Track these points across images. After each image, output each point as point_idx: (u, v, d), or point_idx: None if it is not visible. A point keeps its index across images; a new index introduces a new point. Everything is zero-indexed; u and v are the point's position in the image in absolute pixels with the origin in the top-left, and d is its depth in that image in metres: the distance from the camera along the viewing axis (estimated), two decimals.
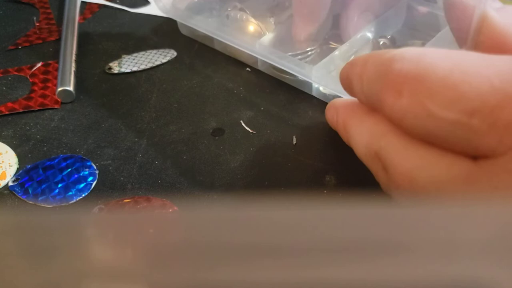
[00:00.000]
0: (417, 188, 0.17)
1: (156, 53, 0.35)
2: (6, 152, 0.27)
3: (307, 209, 0.11)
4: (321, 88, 0.30)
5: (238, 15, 0.34)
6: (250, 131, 0.29)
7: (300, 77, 0.30)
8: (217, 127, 0.29)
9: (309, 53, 0.32)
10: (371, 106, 0.20)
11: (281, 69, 0.30)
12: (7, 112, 0.30)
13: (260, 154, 0.27)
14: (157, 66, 0.34)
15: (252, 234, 0.10)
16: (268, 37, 0.32)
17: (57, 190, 0.25)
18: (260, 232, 0.10)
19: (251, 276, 0.10)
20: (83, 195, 0.25)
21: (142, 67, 0.34)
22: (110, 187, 0.25)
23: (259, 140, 0.28)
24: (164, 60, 0.35)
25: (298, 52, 0.32)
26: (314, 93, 0.31)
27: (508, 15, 0.19)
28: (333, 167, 0.26)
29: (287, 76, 0.32)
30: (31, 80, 0.33)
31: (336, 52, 0.30)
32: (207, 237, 0.10)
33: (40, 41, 0.38)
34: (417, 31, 0.34)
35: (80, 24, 0.39)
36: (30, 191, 0.25)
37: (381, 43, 0.32)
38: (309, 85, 0.31)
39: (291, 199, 0.24)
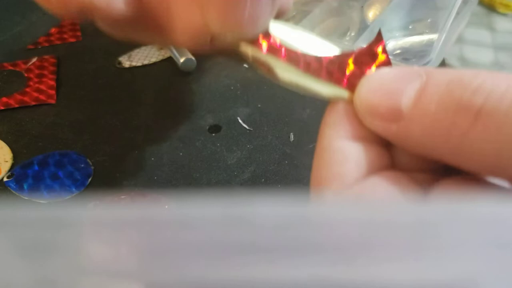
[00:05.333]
0: None
1: (151, 49, 0.35)
2: (1, 147, 0.27)
3: (305, 207, 0.10)
4: None
5: None
6: (247, 128, 0.28)
7: None
8: (213, 123, 0.29)
9: None
10: None
11: None
12: (2, 108, 0.30)
13: (257, 151, 0.27)
14: (154, 62, 0.34)
15: (248, 232, 0.10)
16: None
17: (52, 186, 0.25)
18: (256, 230, 0.10)
19: (246, 274, 0.09)
20: (79, 191, 0.25)
21: (139, 63, 0.34)
22: (106, 183, 0.25)
23: (256, 137, 0.28)
24: (160, 57, 0.35)
25: None
26: None
27: None
28: None
29: None
30: (26, 75, 0.33)
31: None
32: (202, 235, 0.10)
33: (60, 42, 0.37)
34: None
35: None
36: (25, 187, 0.25)
37: None
38: None
39: (288, 196, 0.24)
